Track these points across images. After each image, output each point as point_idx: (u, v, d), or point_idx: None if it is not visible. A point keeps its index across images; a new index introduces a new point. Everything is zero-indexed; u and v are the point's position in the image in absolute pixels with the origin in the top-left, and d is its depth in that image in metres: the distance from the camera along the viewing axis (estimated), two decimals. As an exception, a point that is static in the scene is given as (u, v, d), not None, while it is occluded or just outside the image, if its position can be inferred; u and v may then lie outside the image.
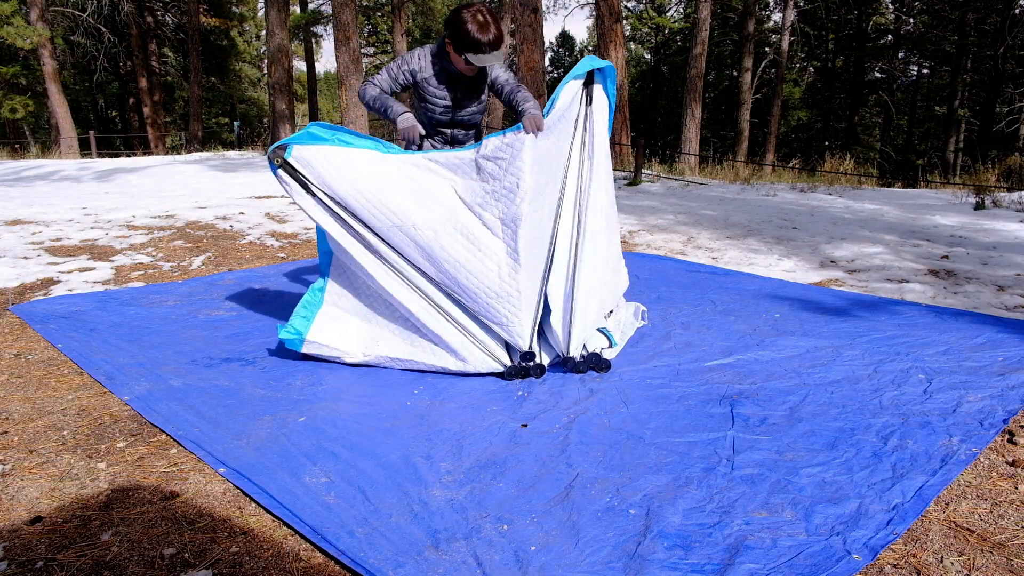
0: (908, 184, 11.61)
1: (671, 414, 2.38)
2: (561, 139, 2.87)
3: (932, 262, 4.80)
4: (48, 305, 3.81)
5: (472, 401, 2.53)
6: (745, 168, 12.25)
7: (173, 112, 28.24)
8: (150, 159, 15.03)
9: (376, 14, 29.18)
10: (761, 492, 1.85)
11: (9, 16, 15.70)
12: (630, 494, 1.86)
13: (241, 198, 8.50)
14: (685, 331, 3.31)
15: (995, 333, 3.15)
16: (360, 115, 10.37)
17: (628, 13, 30.79)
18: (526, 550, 1.62)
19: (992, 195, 7.58)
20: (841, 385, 2.59)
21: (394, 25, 20.10)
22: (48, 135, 21.33)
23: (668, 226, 6.50)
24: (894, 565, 1.57)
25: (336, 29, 10.12)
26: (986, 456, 2.05)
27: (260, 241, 5.84)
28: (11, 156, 15.43)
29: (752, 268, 4.78)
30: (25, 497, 1.89)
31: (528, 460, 2.06)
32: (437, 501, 1.84)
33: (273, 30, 14.42)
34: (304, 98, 30.48)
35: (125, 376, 2.75)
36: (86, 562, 1.60)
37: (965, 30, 21.62)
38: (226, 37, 26.02)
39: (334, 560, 1.61)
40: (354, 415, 2.40)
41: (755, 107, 23.40)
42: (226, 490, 1.92)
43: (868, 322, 3.37)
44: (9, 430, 2.30)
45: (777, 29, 24.07)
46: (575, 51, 41.06)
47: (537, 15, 10.91)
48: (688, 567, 1.55)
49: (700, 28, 15.63)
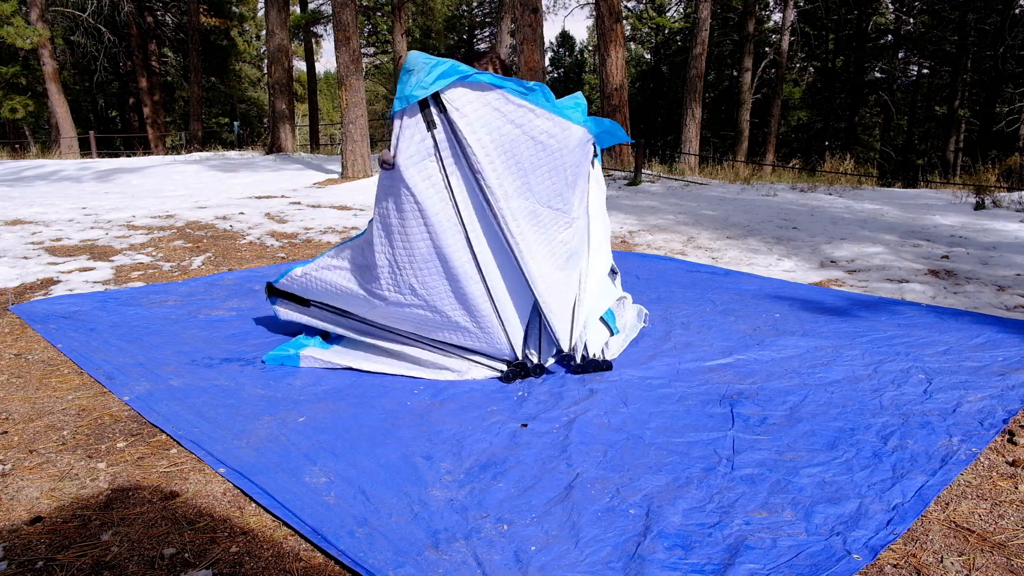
0: (908, 184, 11.61)
1: (671, 414, 2.37)
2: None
3: (932, 262, 4.79)
4: (48, 305, 3.81)
5: (472, 401, 2.53)
6: (745, 168, 12.25)
7: (173, 112, 28.23)
8: (150, 159, 15.03)
9: (376, 14, 29.17)
10: (761, 492, 1.85)
11: (9, 16, 15.70)
12: (630, 494, 1.86)
13: (241, 198, 8.50)
14: (685, 331, 3.31)
15: (995, 333, 3.15)
16: (360, 115, 10.35)
17: (628, 13, 30.77)
18: (526, 550, 1.62)
19: (992, 195, 7.57)
20: (841, 385, 2.59)
21: (394, 25, 20.09)
22: (48, 135, 21.33)
23: (668, 226, 6.50)
24: (894, 565, 1.57)
25: (336, 29, 10.11)
26: (986, 456, 2.05)
27: (260, 241, 5.84)
28: (11, 156, 15.44)
29: (752, 268, 4.78)
30: (25, 497, 1.89)
31: (528, 460, 2.06)
32: (437, 501, 1.84)
33: (273, 30, 14.41)
34: (304, 98, 30.47)
35: (125, 376, 2.75)
36: (86, 562, 1.60)
37: (965, 30, 21.61)
38: (226, 37, 26.01)
39: (334, 560, 1.61)
40: (354, 415, 2.40)
41: (755, 107, 23.39)
42: (226, 490, 1.92)
43: (868, 322, 3.37)
44: (9, 430, 2.30)
45: (777, 29, 24.05)
46: (575, 51, 41.05)
47: (537, 15, 10.90)
48: (688, 567, 1.55)
49: (700, 28, 15.62)
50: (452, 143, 2.48)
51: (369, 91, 34.54)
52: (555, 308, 2.70)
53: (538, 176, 2.60)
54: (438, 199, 2.50)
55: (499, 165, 2.51)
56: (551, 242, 2.68)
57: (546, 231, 2.66)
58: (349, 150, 10.53)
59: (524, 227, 2.57)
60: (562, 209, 2.70)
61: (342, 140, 10.91)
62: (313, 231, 6.31)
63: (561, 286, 2.73)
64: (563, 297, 2.75)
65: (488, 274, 2.61)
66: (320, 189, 9.61)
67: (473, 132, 2.45)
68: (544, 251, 2.65)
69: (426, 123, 2.45)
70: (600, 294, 3.06)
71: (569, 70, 40.71)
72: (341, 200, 8.42)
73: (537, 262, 2.61)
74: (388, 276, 2.62)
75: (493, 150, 2.49)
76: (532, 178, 2.59)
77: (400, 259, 2.58)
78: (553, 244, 2.69)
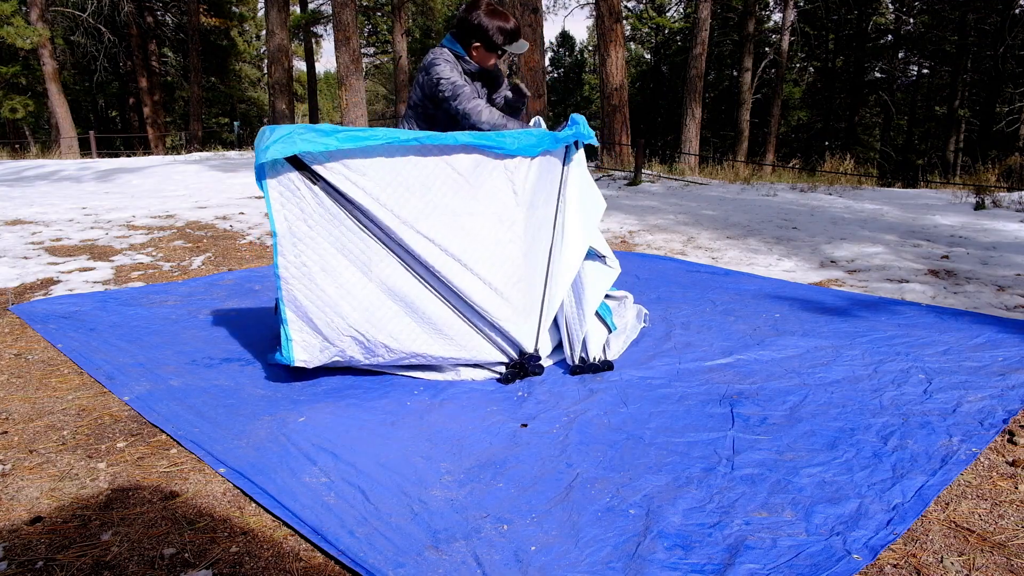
0: (908, 184, 11.61)
1: (671, 414, 2.37)
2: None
3: (932, 262, 4.80)
4: (48, 305, 3.81)
5: (472, 401, 2.53)
6: (745, 168, 12.25)
7: (173, 112, 28.25)
8: (150, 159, 15.04)
9: (376, 14, 29.18)
10: (761, 492, 1.85)
11: (9, 16, 15.71)
12: (630, 494, 1.86)
13: (241, 198, 8.50)
14: (685, 331, 3.31)
15: (995, 333, 3.15)
16: (360, 115, 10.36)
17: (628, 13, 30.78)
18: (526, 550, 1.62)
19: (992, 195, 7.58)
20: (841, 385, 2.59)
21: (394, 25, 20.10)
22: (48, 135, 21.34)
23: (668, 226, 6.50)
24: (894, 565, 1.57)
25: (336, 29, 10.12)
26: (986, 456, 2.05)
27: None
28: (11, 156, 15.44)
29: (752, 268, 4.78)
30: (25, 497, 1.89)
31: (528, 460, 2.06)
32: (437, 501, 1.84)
33: (273, 30, 14.42)
34: (304, 98, 30.50)
35: (125, 376, 2.75)
36: (86, 562, 1.60)
37: (965, 30, 21.62)
38: (226, 37, 26.03)
39: (334, 560, 1.61)
40: (354, 415, 2.40)
41: (755, 107, 23.41)
42: (226, 490, 1.92)
43: (868, 322, 3.37)
44: (9, 430, 2.30)
45: (777, 29, 24.06)
46: (575, 51, 41.06)
47: (537, 15, 10.91)
48: (688, 567, 1.55)
49: (700, 28, 15.63)
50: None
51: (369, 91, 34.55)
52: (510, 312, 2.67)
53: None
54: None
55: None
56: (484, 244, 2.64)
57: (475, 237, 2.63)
58: (349, 150, 10.51)
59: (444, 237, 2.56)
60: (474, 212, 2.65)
61: (342, 140, 10.89)
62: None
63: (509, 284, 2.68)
64: (522, 294, 2.72)
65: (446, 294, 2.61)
66: (320, 189, 9.60)
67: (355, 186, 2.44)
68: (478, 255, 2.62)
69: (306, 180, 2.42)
70: (590, 284, 3.01)
71: (569, 70, 40.74)
72: (341, 200, 8.41)
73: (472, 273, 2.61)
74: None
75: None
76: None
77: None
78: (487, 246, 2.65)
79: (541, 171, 2.78)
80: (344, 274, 2.50)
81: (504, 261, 2.65)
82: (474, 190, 2.60)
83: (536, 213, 2.79)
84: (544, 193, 2.85)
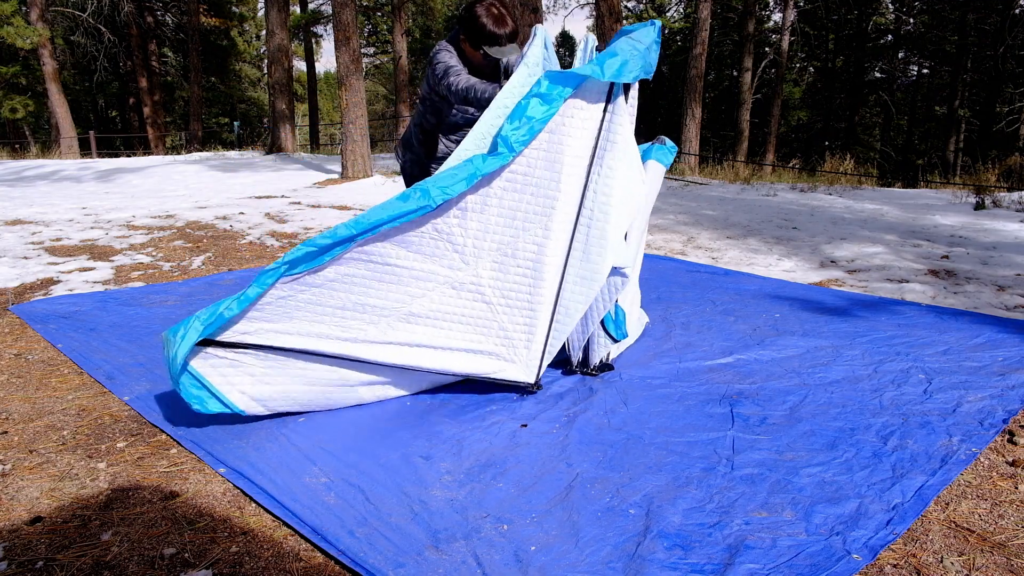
0: (908, 184, 11.61)
1: (671, 414, 2.37)
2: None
3: (932, 262, 4.79)
4: (48, 305, 3.81)
5: (472, 401, 2.53)
6: (745, 168, 12.25)
7: (173, 112, 28.24)
8: (150, 159, 15.04)
9: (376, 14, 29.17)
10: (761, 492, 1.85)
11: (9, 16, 15.70)
12: (630, 494, 1.86)
13: (241, 198, 8.50)
14: (685, 331, 3.31)
15: (995, 333, 3.15)
16: (360, 115, 10.34)
17: (628, 13, 30.77)
18: (526, 550, 1.62)
19: (992, 195, 7.57)
20: (841, 385, 2.59)
21: (394, 25, 20.09)
22: (48, 135, 21.34)
23: (668, 226, 6.50)
24: (894, 565, 1.57)
25: (336, 29, 10.10)
26: (986, 456, 2.05)
27: (260, 241, 5.84)
28: (11, 156, 15.45)
29: (752, 268, 4.78)
30: (25, 497, 1.89)
31: (528, 460, 2.06)
32: (437, 501, 1.84)
33: (273, 30, 14.40)
34: (304, 98, 30.48)
35: (125, 376, 2.75)
36: (86, 562, 1.60)
37: (965, 30, 21.61)
38: (226, 37, 26.03)
39: (334, 560, 1.61)
40: (354, 415, 2.40)
41: (755, 107, 23.39)
42: (226, 490, 1.92)
43: (868, 322, 3.37)
44: (9, 430, 2.30)
45: (777, 29, 24.06)
46: (575, 51, 41.03)
47: (537, 15, 10.90)
48: (688, 567, 1.55)
49: (700, 28, 15.62)
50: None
51: (369, 91, 34.54)
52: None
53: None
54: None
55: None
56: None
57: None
58: (349, 150, 10.53)
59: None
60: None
61: (342, 140, 10.91)
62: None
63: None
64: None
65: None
66: (320, 189, 9.62)
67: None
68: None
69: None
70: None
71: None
72: (341, 200, 8.43)
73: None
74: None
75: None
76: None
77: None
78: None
79: (519, 179, 2.31)
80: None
81: (475, 326, 2.41)
82: (405, 272, 2.25)
83: (524, 234, 2.37)
84: (544, 192, 2.39)
